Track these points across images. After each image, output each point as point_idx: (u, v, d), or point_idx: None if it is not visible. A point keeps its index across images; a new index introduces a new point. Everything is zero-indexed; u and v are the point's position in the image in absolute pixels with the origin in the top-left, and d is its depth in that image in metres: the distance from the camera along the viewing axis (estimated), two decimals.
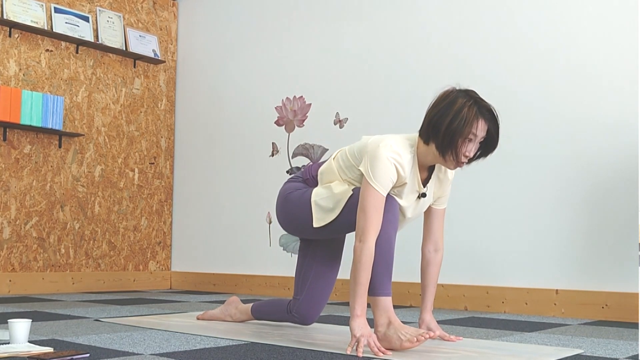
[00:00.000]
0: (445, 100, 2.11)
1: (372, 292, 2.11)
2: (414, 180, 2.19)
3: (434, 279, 2.39)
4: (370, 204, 2.09)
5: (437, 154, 2.13)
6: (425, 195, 2.24)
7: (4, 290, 4.25)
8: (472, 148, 2.10)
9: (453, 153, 2.09)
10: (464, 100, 2.09)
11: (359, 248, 2.07)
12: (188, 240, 5.17)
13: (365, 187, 2.12)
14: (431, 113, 2.13)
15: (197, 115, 5.20)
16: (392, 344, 2.04)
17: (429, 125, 2.12)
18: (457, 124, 2.06)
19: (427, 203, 2.30)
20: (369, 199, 2.10)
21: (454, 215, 3.76)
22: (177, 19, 5.42)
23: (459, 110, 2.07)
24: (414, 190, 2.22)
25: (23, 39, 4.44)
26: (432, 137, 2.11)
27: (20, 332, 1.98)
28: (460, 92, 2.12)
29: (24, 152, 4.40)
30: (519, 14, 3.63)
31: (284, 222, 2.44)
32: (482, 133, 2.09)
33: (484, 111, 2.08)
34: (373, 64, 4.19)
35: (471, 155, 2.11)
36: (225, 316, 2.82)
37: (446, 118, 2.07)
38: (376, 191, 2.09)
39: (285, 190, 2.45)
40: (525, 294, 3.46)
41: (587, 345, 2.27)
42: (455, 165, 2.13)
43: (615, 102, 3.28)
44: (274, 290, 4.54)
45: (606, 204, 3.26)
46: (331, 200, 2.25)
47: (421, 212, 2.31)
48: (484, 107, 2.09)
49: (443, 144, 2.09)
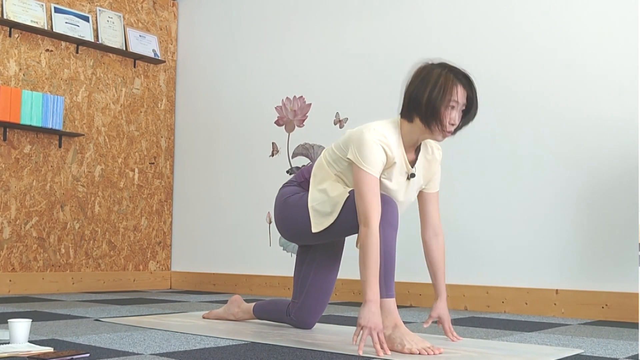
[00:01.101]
0: (421, 74, 2.16)
1: None
2: (402, 161, 2.22)
3: (441, 263, 2.37)
4: (366, 187, 2.11)
5: (422, 128, 2.16)
6: (414, 176, 2.25)
7: (4, 290, 4.25)
8: (456, 115, 2.14)
9: (438, 122, 2.13)
10: (439, 70, 2.14)
11: (364, 233, 2.07)
12: (188, 240, 5.17)
13: (357, 173, 2.13)
14: (409, 89, 2.17)
15: (197, 115, 5.20)
16: (394, 347, 2.04)
17: (410, 102, 2.16)
18: (437, 93, 2.10)
19: (417, 185, 2.30)
20: (364, 183, 2.11)
21: (454, 215, 3.76)
22: (177, 19, 5.42)
23: (436, 81, 2.12)
24: (403, 172, 2.23)
25: (23, 39, 4.44)
26: (415, 112, 2.15)
27: (20, 332, 1.98)
28: (434, 64, 2.17)
29: (24, 152, 4.40)
30: (519, 13, 3.63)
31: (283, 228, 2.42)
32: (463, 100, 2.14)
33: (461, 77, 2.14)
34: (373, 63, 4.20)
35: (457, 123, 2.15)
36: (228, 315, 2.83)
37: (425, 90, 2.12)
38: (368, 174, 2.12)
39: (281, 196, 2.44)
40: (525, 294, 3.46)
41: (587, 345, 2.27)
42: (442, 135, 2.16)
43: (616, 102, 3.28)
44: (274, 290, 4.54)
45: (606, 204, 3.26)
46: (328, 204, 2.25)
47: (413, 196, 2.31)
48: (460, 73, 2.15)
49: (427, 116, 2.13)
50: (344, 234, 2.26)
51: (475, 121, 3.71)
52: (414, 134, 2.20)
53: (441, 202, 3.80)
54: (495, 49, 3.69)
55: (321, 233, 2.29)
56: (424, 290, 3.82)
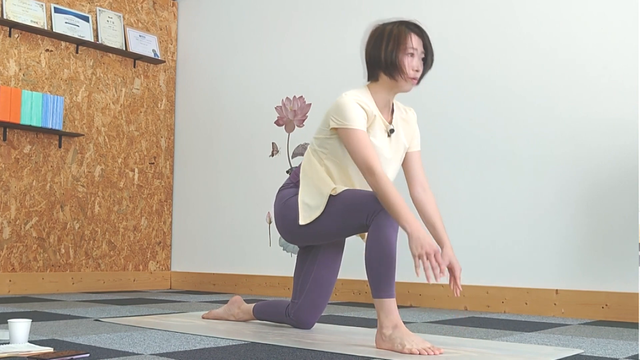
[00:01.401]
0: (376, 34, 2.30)
1: (376, 294, 2.11)
2: (380, 119, 2.31)
3: (437, 215, 2.39)
4: (356, 142, 2.20)
5: (389, 82, 2.28)
6: (394, 131, 2.34)
7: (4, 290, 4.25)
8: (418, 62, 2.25)
9: (401, 71, 2.24)
10: (391, 25, 2.28)
11: (373, 181, 2.13)
12: (188, 240, 5.17)
13: (345, 135, 2.23)
14: (368, 50, 2.31)
15: (197, 115, 5.20)
16: (394, 348, 2.04)
17: (371, 61, 2.30)
18: (393, 45, 2.23)
19: (402, 145, 2.37)
20: (354, 139, 2.20)
21: (454, 215, 3.76)
22: (177, 19, 5.42)
23: (389, 34, 2.26)
24: (383, 130, 2.31)
25: (23, 39, 4.44)
26: (378, 69, 2.28)
27: (20, 332, 1.98)
28: (385, 23, 2.32)
29: (24, 152, 4.40)
30: (519, 12, 3.63)
31: (284, 230, 2.44)
32: (420, 47, 2.26)
33: (412, 26, 2.27)
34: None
35: (420, 69, 2.26)
36: (229, 316, 2.83)
37: (382, 45, 2.25)
38: (355, 129, 2.21)
39: (281, 199, 2.46)
40: (525, 294, 3.46)
41: (587, 345, 2.27)
42: (409, 82, 2.26)
43: (616, 102, 3.28)
44: (274, 290, 4.54)
45: (606, 204, 3.27)
46: (315, 196, 2.31)
47: (400, 155, 2.37)
48: (411, 24, 2.28)
49: (389, 68, 2.25)
50: (337, 229, 2.26)
51: (475, 121, 3.71)
52: (383, 92, 2.31)
53: (441, 202, 3.81)
54: (496, 49, 3.69)
55: (314, 230, 2.31)
56: (424, 290, 3.82)
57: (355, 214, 2.19)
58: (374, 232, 2.12)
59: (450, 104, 3.83)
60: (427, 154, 3.89)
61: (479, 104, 3.72)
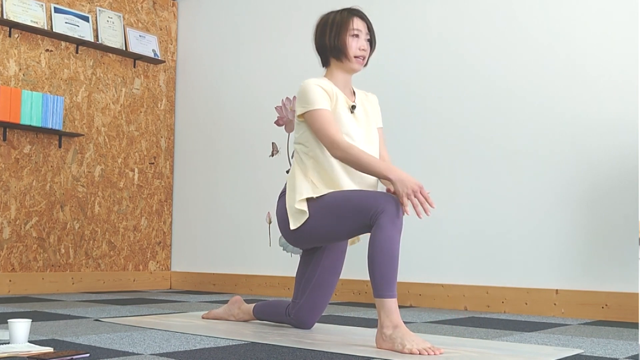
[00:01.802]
0: (321, 24, 2.47)
1: (377, 293, 2.11)
2: (342, 98, 2.42)
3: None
4: (320, 122, 2.31)
5: (338, 64, 2.44)
6: (355, 107, 2.44)
7: (4, 290, 4.25)
8: (363, 42, 2.41)
9: (347, 52, 2.39)
10: (334, 13, 2.45)
11: (340, 153, 2.25)
12: (188, 240, 5.17)
13: (309, 117, 2.34)
14: (316, 40, 2.47)
15: (197, 115, 5.20)
16: (394, 347, 2.04)
17: (321, 49, 2.47)
18: (337, 29, 2.40)
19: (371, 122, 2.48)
20: (318, 119, 2.32)
21: (454, 215, 3.76)
22: (177, 19, 5.42)
23: (333, 21, 2.43)
24: (346, 107, 2.42)
25: (23, 39, 4.44)
26: (328, 54, 2.45)
27: (20, 332, 1.98)
28: (329, 13, 2.48)
29: (24, 152, 4.40)
30: (519, 11, 3.63)
31: (286, 235, 2.47)
32: (364, 29, 2.42)
33: (354, 11, 2.43)
34: (372, 63, 4.19)
35: (367, 49, 2.42)
36: (229, 316, 2.83)
37: (327, 31, 2.43)
38: (318, 109, 2.33)
39: (280, 205, 2.49)
40: (525, 294, 3.46)
41: (587, 345, 2.27)
42: (354, 62, 2.40)
43: (616, 102, 3.28)
44: (274, 290, 4.54)
45: (606, 204, 3.26)
46: (299, 201, 2.35)
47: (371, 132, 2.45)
48: (352, 9, 2.44)
49: (334, 51, 2.42)
50: (337, 231, 2.28)
51: (475, 121, 3.71)
52: (339, 75, 2.46)
53: (441, 202, 3.81)
54: (496, 48, 3.69)
55: (314, 232, 2.33)
56: (424, 290, 3.82)
57: (358, 214, 2.20)
58: (377, 232, 2.13)
59: (450, 104, 3.83)
60: (427, 154, 3.89)
61: (478, 104, 3.72)
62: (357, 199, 2.22)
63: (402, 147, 4.00)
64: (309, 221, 2.33)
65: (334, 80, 2.47)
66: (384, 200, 2.16)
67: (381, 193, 2.20)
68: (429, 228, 3.85)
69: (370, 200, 2.18)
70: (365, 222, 2.20)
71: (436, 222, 3.83)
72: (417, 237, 3.89)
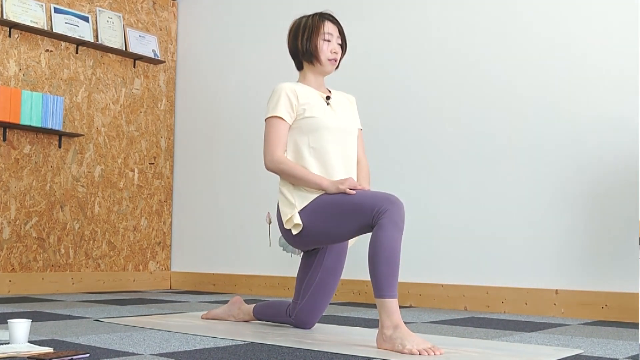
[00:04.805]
0: (293, 29, 2.51)
1: (378, 293, 2.11)
2: (317, 93, 2.48)
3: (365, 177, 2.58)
4: (269, 130, 2.41)
5: (310, 67, 2.50)
6: (330, 98, 2.50)
7: (4, 290, 4.25)
8: (335, 45, 2.47)
9: (319, 55, 2.44)
10: (306, 18, 2.49)
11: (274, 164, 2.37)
12: (188, 240, 5.17)
13: (266, 121, 2.43)
14: (289, 45, 2.52)
15: (197, 115, 5.20)
16: (394, 348, 2.04)
17: (294, 51, 2.51)
18: (309, 33, 2.45)
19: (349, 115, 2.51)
20: (270, 126, 2.41)
21: (454, 215, 3.76)
22: (177, 19, 5.42)
23: (305, 25, 2.48)
24: (321, 100, 2.47)
25: (23, 39, 4.44)
26: (301, 58, 2.50)
27: (20, 332, 1.98)
28: (301, 17, 2.52)
29: (24, 152, 4.40)
30: (520, 11, 3.63)
31: (286, 238, 2.51)
32: (336, 33, 2.48)
33: (325, 15, 2.49)
34: (373, 63, 4.20)
35: (338, 52, 2.47)
36: (228, 316, 2.83)
37: (299, 35, 2.47)
38: (273, 117, 2.41)
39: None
40: (525, 294, 3.46)
41: (587, 345, 2.27)
42: (329, 63, 2.46)
43: (616, 101, 3.28)
44: (274, 291, 4.54)
45: (606, 204, 3.27)
46: (287, 204, 2.40)
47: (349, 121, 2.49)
48: (324, 14, 2.49)
49: (306, 54, 2.47)
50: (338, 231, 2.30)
51: (475, 121, 3.71)
52: (312, 77, 2.52)
53: (441, 202, 3.81)
54: (496, 47, 3.69)
55: (313, 234, 2.35)
56: (424, 290, 3.82)
57: (359, 214, 2.20)
58: (378, 232, 2.13)
59: (450, 104, 3.83)
60: (427, 154, 3.89)
61: (479, 104, 3.72)
62: (357, 199, 2.22)
63: (402, 147, 4.00)
64: (308, 227, 2.34)
65: (307, 82, 2.52)
66: (386, 201, 2.16)
67: (382, 193, 2.21)
68: (429, 228, 3.85)
69: (372, 201, 2.18)
70: (366, 222, 2.20)
71: (436, 222, 3.83)
72: (417, 237, 3.89)
